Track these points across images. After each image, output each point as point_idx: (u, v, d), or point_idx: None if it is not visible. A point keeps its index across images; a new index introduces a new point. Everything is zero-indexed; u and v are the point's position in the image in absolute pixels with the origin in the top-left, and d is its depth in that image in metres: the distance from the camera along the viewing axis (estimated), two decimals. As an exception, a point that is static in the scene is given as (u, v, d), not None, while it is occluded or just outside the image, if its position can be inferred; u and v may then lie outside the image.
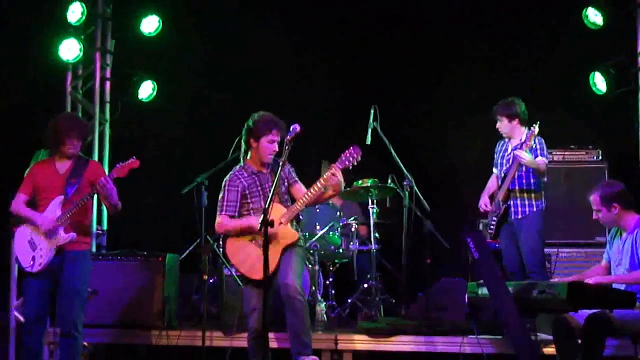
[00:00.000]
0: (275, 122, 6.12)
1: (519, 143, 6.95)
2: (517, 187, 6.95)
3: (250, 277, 6.03)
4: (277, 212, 5.89)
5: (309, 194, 5.99)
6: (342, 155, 5.94)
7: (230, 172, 6.26)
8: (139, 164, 6.11)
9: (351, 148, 5.95)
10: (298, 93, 8.92)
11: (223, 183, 6.17)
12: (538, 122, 6.74)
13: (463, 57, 8.76)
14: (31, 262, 6.13)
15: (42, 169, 6.32)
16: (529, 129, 6.81)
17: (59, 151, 6.25)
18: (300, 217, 6.71)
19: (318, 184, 5.96)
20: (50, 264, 6.08)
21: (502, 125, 7.05)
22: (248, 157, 6.24)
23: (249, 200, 6.14)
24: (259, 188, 6.14)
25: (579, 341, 5.75)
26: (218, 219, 6.15)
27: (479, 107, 7.87)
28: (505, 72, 8.58)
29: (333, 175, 5.92)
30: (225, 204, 6.12)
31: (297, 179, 6.25)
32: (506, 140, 7.15)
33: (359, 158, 5.96)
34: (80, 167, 6.25)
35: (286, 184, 6.20)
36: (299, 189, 6.19)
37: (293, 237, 6.03)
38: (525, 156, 6.74)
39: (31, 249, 6.14)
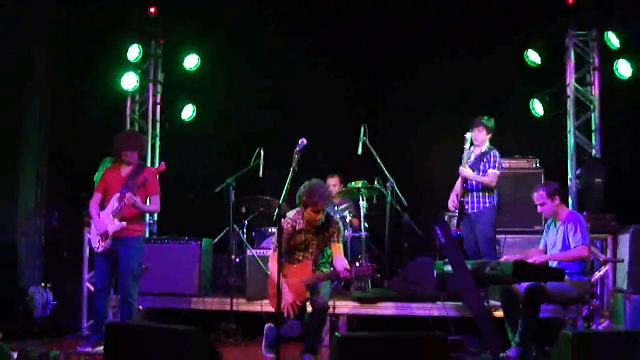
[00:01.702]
0: (320, 196, 5.46)
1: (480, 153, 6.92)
2: (470, 187, 6.92)
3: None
4: (305, 271, 5.67)
5: (322, 274, 5.70)
6: (359, 269, 5.52)
7: (289, 217, 5.69)
8: (165, 167, 6.20)
9: (369, 267, 5.54)
10: (306, 110, 8.82)
11: (278, 224, 5.27)
12: (468, 133, 6.80)
13: (431, 87, 8.52)
14: (98, 245, 6.19)
15: (111, 173, 6.41)
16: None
17: (122, 159, 6.33)
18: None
19: (330, 273, 5.72)
20: (111, 247, 6.13)
21: (481, 135, 6.89)
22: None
23: (293, 250, 5.75)
24: (302, 245, 5.75)
25: (521, 306, 5.80)
26: (271, 255, 5.80)
27: (444, 128, 7.90)
28: (465, 99, 8.49)
29: (341, 277, 5.64)
30: (276, 243, 5.50)
31: (337, 240, 5.73)
32: (472, 149, 7.05)
33: (370, 275, 5.63)
34: (138, 172, 6.30)
35: (322, 246, 5.80)
36: (335, 248, 5.76)
37: (302, 296, 5.62)
38: (469, 173, 6.77)
39: (98, 235, 6.19)
